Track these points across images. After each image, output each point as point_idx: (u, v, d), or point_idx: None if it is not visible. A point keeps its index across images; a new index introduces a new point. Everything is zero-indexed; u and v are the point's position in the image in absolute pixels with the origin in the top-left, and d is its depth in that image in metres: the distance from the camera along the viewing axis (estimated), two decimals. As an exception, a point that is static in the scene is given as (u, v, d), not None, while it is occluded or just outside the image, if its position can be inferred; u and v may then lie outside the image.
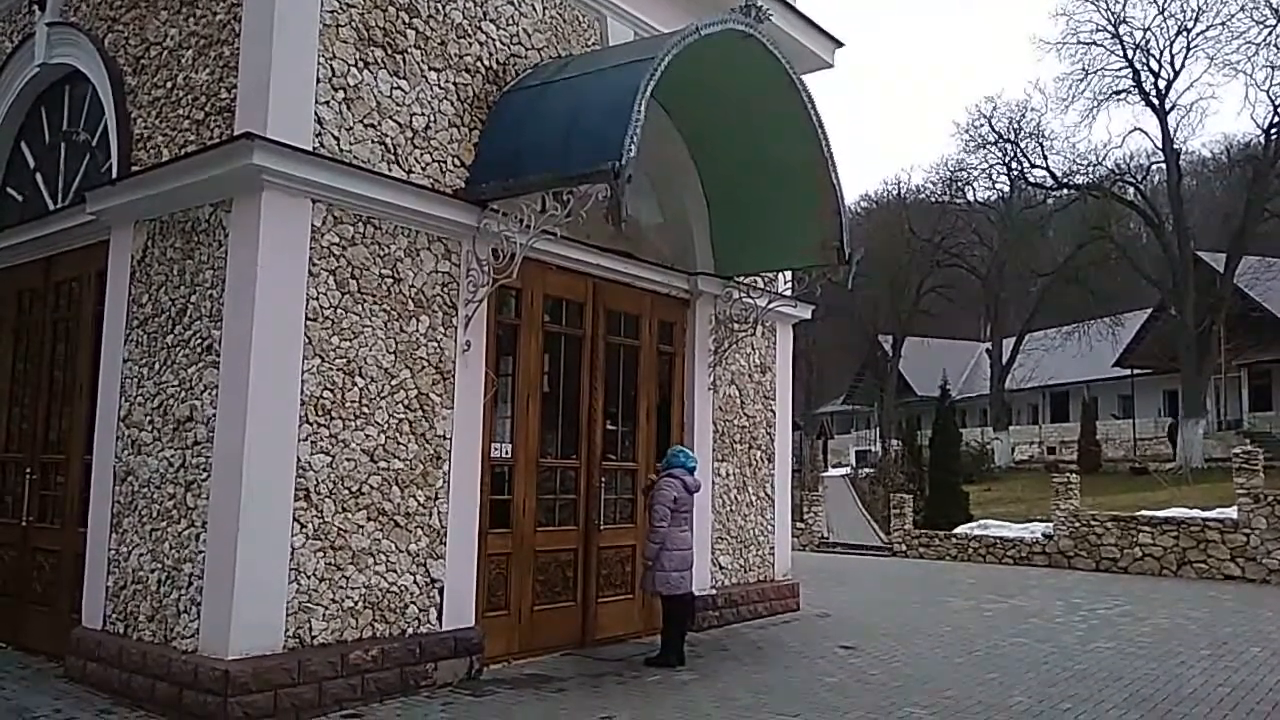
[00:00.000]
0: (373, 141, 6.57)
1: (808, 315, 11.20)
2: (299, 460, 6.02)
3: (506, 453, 7.68)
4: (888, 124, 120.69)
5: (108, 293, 7.04)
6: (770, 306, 10.06)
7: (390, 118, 6.70)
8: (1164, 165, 36.32)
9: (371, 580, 6.40)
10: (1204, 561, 15.47)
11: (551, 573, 7.97)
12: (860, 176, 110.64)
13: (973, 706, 6.54)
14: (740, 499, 10.01)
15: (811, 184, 8.56)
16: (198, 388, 6.19)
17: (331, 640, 6.14)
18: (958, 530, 19.95)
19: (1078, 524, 17.04)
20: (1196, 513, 16.46)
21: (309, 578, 6.05)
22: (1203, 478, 27.94)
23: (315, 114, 6.23)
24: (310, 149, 6.14)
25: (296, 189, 6.05)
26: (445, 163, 7.05)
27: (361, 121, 6.51)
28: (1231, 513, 15.62)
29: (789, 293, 10.88)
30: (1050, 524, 17.68)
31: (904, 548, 20.42)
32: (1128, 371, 41.41)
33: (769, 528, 10.42)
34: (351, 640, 6.24)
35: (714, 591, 9.47)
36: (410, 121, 6.83)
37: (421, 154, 6.89)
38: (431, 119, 6.98)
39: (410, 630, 6.61)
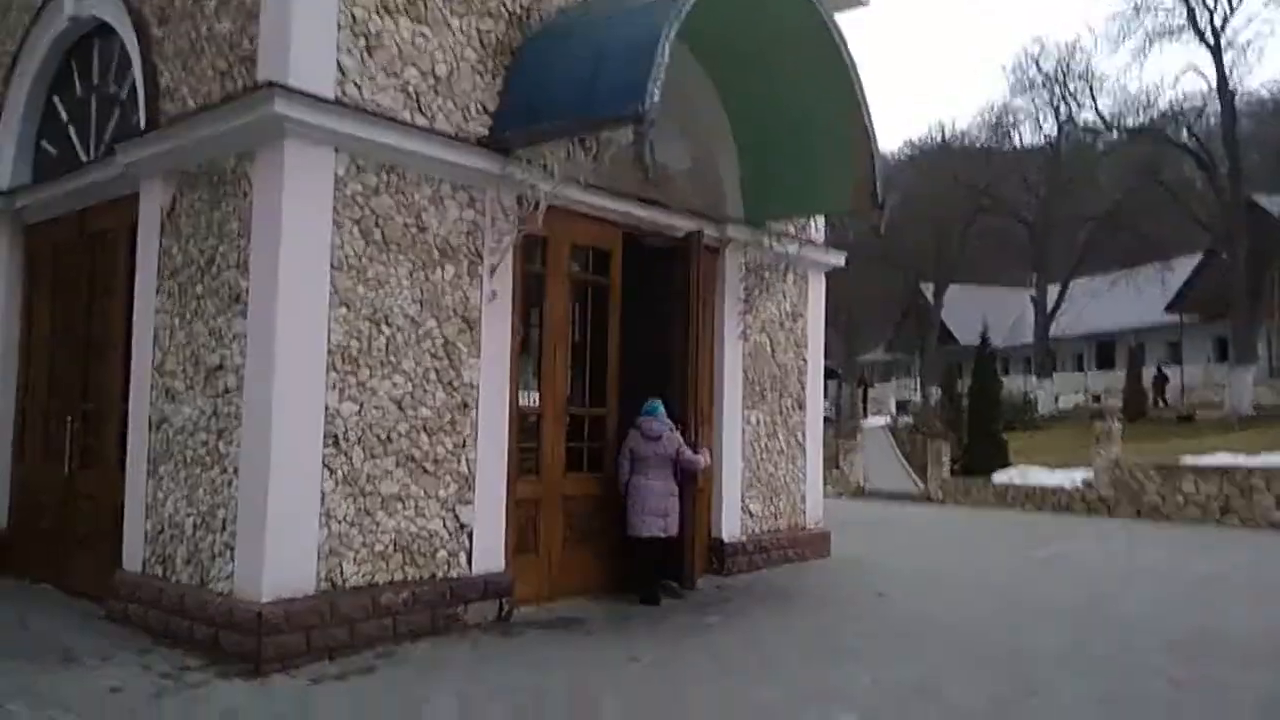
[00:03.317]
0: (395, 89, 6.53)
1: (840, 262, 11.04)
2: (328, 408, 6.10)
3: (534, 401, 7.72)
4: (932, 66, 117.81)
5: (139, 244, 7.12)
6: (801, 253, 9.94)
7: (412, 65, 6.65)
8: (1219, 106, 35.04)
9: (401, 525, 6.51)
10: (1249, 509, 15.25)
11: (581, 517, 8.05)
12: (903, 121, 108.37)
13: (1003, 652, 6.53)
14: (770, 446, 10.00)
15: (844, 127, 8.38)
16: (227, 337, 6.27)
17: (363, 583, 6.26)
18: (996, 478, 19.82)
19: (1118, 471, 16.83)
20: (1242, 459, 16.19)
21: (339, 522, 6.16)
22: (1251, 424, 27.38)
23: (337, 62, 6.20)
24: (332, 97, 6.12)
25: (319, 138, 6.05)
26: (468, 110, 7.00)
27: (384, 69, 6.47)
28: (1277, 460, 15.34)
29: (821, 239, 10.74)
30: (1091, 471, 17.50)
31: (941, 495, 20.35)
32: (1175, 318, 40.47)
33: (800, 475, 10.41)
34: (383, 583, 6.36)
35: (744, 538, 9.51)
36: (433, 69, 6.78)
37: (444, 101, 6.85)
38: (454, 66, 6.92)
39: (440, 574, 6.72)
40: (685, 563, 8.43)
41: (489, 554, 7.02)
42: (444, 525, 6.77)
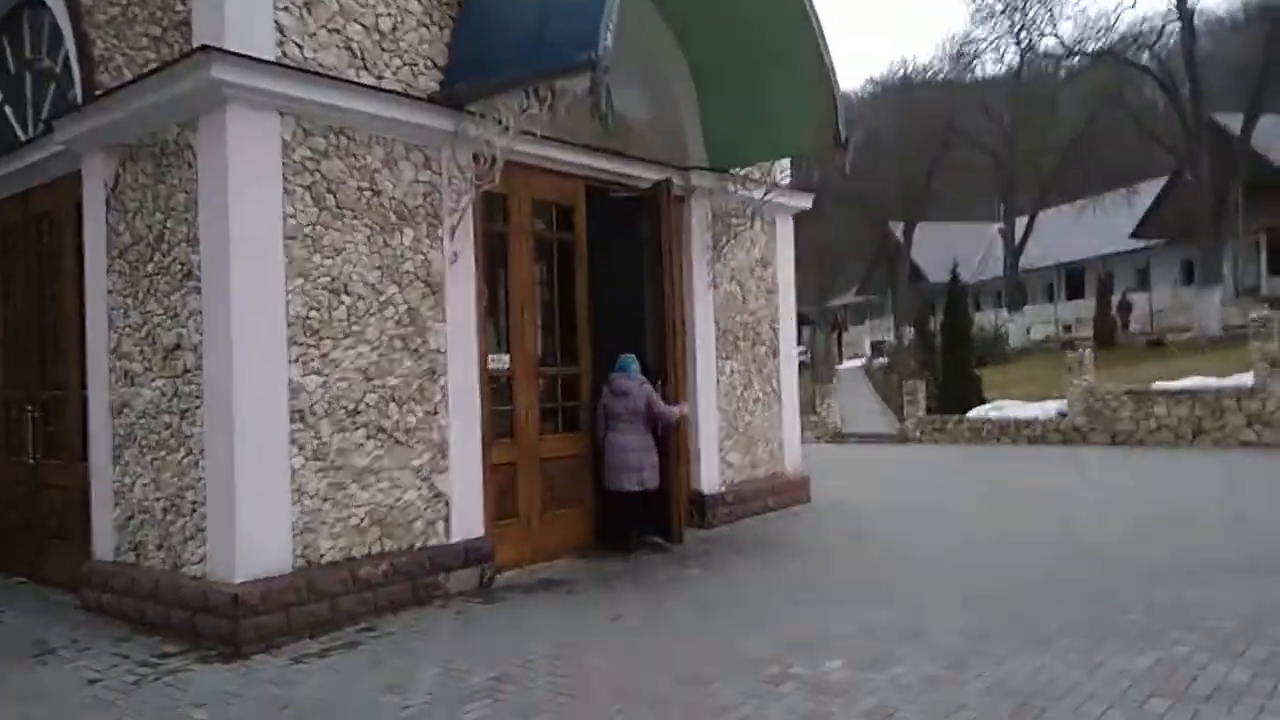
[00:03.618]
0: (338, 47, 6.29)
1: (808, 205, 10.92)
2: (290, 382, 5.94)
3: (505, 363, 7.59)
4: (891, 2, 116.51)
5: (85, 223, 6.88)
6: (768, 198, 9.80)
7: (355, 20, 6.40)
8: (1178, 27, 34.88)
9: (376, 497, 6.40)
10: (1220, 429, 15.44)
11: (559, 478, 7.97)
12: (864, 58, 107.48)
13: (981, 587, 6.55)
14: (746, 396, 9.94)
15: (803, 66, 8.24)
16: (182, 315, 6.08)
17: (340, 558, 6.16)
18: (971, 413, 19.95)
19: (1091, 400, 16.97)
20: (1212, 381, 16.35)
21: (312, 498, 6.04)
22: (1219, 346, 27.70)
23: (275, 21, 5.95)
24: (273, 58, 5.88)
25: (262, 102, 5.82)
26: (417, 65, 6.77)
27: (325, 26, 6.22)
28: (1248, 379, 15.51)
29: (787, 182, 10.61)
30: (1065, 401, 17.63)
31: (918, 434, 20.48)
32: (1142, 243, 40.69)
33: (777, 423, 10.38)
34: (360, 557, 6.27)
35: (724, 488, 9.49)
36: (376, 23, 6.53)
37: (391, 57, 6.61)
38: (399, 19, 6.67)
39: (419, 544, 6.63)
40: (671, 516, 8.38)
41: (467, 521, 6.94)
42: (419, 495, 6.67)
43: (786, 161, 10.56)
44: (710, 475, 9.37)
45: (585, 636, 5.68)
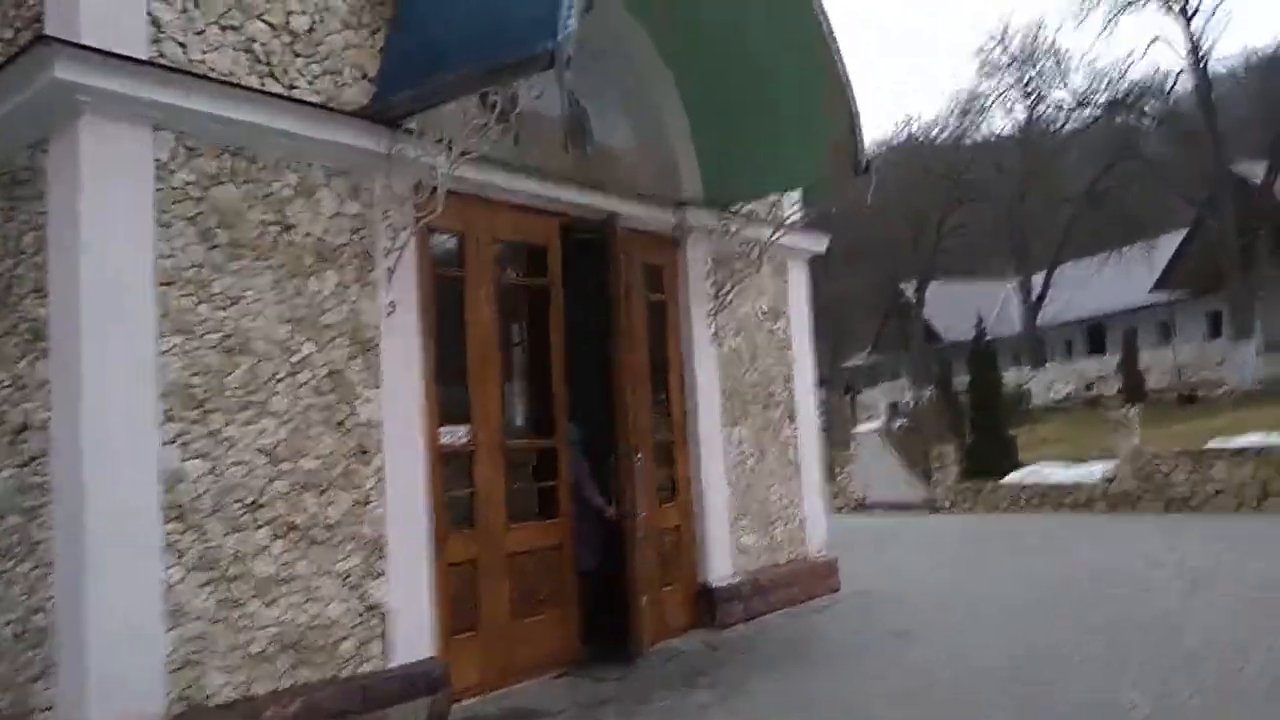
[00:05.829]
0: (235, 48, 5.05)
1: (822, 248, 9.60)
2: (165, 470, 4.57)
3: (463, 436, 6.20)
4: (896, 60, 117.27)
5: (-62, 278, 5.60)
6: (776, 238, 8.48)
7: (258, 18, 5.17)
8: (1186, 76, 34.03)
9: (286, 615, 4.96)
10: (1291, 491, 13.86)
11: (534, 576, 6.49)
12: (866, 119, 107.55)
13: (1074, 708, 5.04)
14: (760, 468, 8.49)
15: (812, 80, 7.05)
16: (31, 386, 4.74)
17: (236, 696, 4.71)
18: (1007, 479, 18.35)
19: (1141, 461, 15.43)
20: (1275, 438, 14.81)
21: (196, 620, 4.62)
22: (1255, 400, 26.13)
23: (149, 13, 4.72)
24: (144, 58, 4.65)
25: (129, 113, 4.56)
26: (341, 74, 5.53)
27: (217, 22, 4.99)
28: (1317, 434, 14.01)
29: (798, 221, 9.30)
30: (1110, 463, 16.07)
31: (948, 503, 18.90)
32: (1165, 297, 39.27)
33: (797, 498, 8.89)
34: (264, 694, 4.81)
35: (738, 579, 7.97)
36: (288, 22, 5.30)
37: (307, 63, 5.37)
38: (317, 18, 5.44)
39: (346, 672, 5.17)
40: (629, 618, 6.77)
41: (412, 639, 5.47)
42: (347, 609, 5.22)
43: (797, 198, 9.28)
44: (720, 564, 7.87)
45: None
